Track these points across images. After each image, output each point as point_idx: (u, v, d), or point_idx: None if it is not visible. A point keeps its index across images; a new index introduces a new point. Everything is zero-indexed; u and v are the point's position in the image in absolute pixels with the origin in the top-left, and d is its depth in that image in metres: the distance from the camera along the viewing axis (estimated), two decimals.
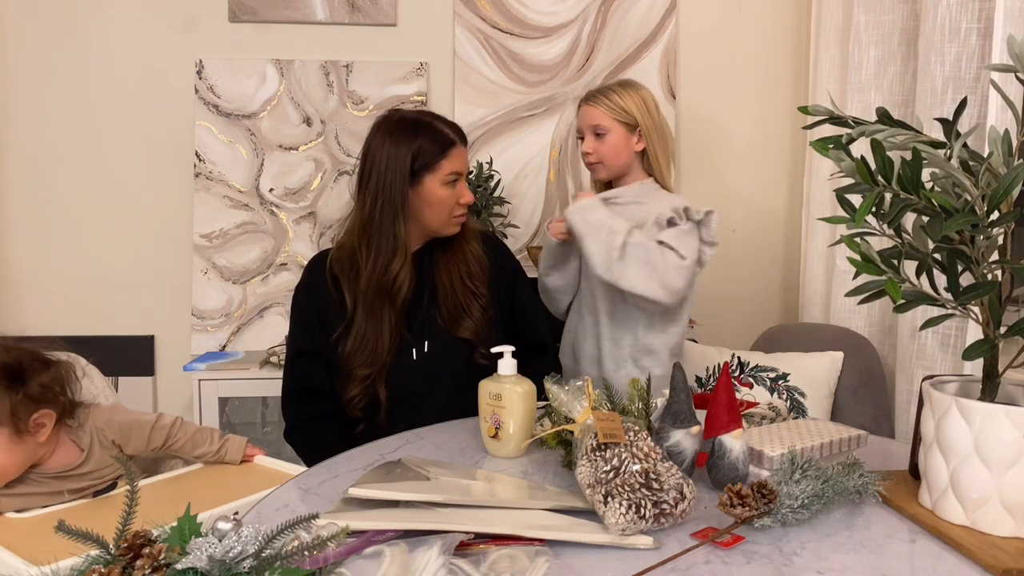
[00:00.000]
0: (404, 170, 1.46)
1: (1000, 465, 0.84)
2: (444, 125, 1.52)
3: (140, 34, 2.39)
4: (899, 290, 0.84)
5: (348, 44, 2.44)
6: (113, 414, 1.31)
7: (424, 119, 1.52)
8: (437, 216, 1.51)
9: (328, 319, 1.51)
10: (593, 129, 1.73)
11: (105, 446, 1.26)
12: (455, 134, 1.52)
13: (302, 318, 1.55)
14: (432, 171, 1.48)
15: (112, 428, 1.28)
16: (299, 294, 1.57)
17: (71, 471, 1.22)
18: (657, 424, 1.06)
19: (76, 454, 1.24)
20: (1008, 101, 0.90)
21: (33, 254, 2.41)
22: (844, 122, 0.91)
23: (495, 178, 2.36)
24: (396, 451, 1.19)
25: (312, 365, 1.52)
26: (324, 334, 1.51)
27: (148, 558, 0.68)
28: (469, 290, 1.55)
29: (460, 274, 1.55)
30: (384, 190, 1.47)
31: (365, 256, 1.48)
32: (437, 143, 1.48)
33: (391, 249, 1.47)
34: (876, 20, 2.09)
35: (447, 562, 0.77)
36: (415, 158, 1.47)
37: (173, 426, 1.33)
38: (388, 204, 1.47)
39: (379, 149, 1.48)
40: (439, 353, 1.51)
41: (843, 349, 2.02)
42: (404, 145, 1.47)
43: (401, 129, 1.49)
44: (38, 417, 1.19)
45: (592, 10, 2.50)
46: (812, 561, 0.82)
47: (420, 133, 1.48)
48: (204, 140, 2.40)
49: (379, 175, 1.47)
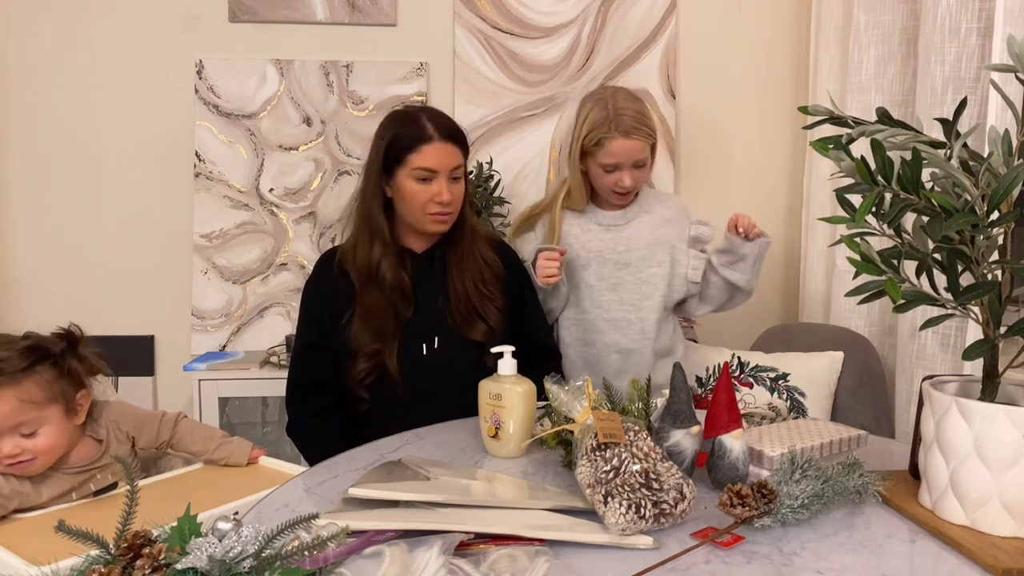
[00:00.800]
0: (379, 159, 1.51)
1: (1000, 465, 0.84)
2: (429, 121, 1.51)
3: (140, 34, 2.39)
4: (899, 290, 0.84)
5: (348, 44, 2.44)
6: (126, 409, 1.33)
7: (412, 113, 1.54)
8: (410, 211, 1.52)
9: (339, 311, 1.53)
10: (637, 163, 1.70)
11: (120, 440, 1.28)
12: (436, 130, 1.50)
13: (312, 313, 1.57)
14: (401, 164, 1.50)
15: (126, 420, 1.30)
16: (310, 290, 1.59)
17: (92, 465, 1.23)
18: (657, 424, 1.06)
19: (95, 447, 1.25)
20: (1008, 101, 0.90)
21: (33, 254, 2.41)
22: (844, 122, 0.91)
23: (495, 178, 2.36)
24: (396, 451, 1.19)
25: (320, 359, 1.54)
26: (335, 326, 1.53)
27: (148, 558, 0.68)
28: (484, 295, 1.56)
29: (474, 280, 1.56)
30: (367, 177, 1.55)
31: (358, 241, 1.55)
32: (411, 136, 1.50)
33: (370, 233, 1.53)
34: (876, 20, 2.09)
35: (447, 562, 0.77)
36: (388, 149, 1.50)
37: (177, 420, 1.35)
38: (368, 191, 1.54)
39: (373, 142, 1.55)
40: (449, 350, 1.53)
41: (843, 349, 2.02)
42: (385, 137, 1.52)
43: (389, 120, 1.54)
44: (79, 397, 1.21)
45: (592, 10, 2.50)
46: (812, 561, 0.82)
47: (400, 125, 1.52)
48: (204, 140, 2.40)
49: (367, 164, 1.55)
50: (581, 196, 1.78)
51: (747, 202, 2.57)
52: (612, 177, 1.71)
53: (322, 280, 1.58)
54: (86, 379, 1.24)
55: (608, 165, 1.69)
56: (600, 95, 1.73)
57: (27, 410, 1.14)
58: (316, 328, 1.55)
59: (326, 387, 1.53)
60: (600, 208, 1.81)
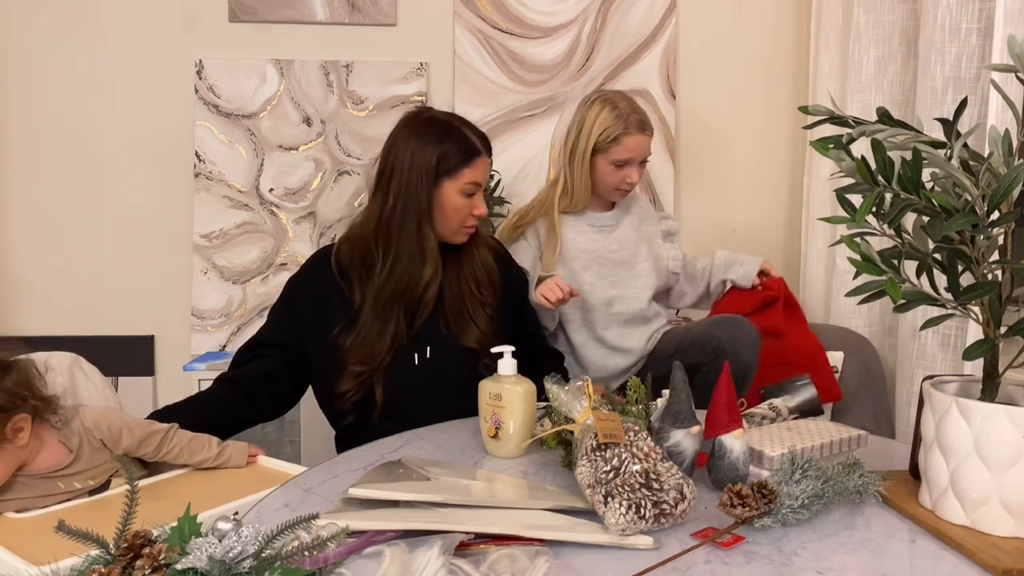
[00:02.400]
0: (430, 171, 1.43)
1: (1000, 465, 0.84)
2: (472, 133, 1.48)
3: (140, 34, 2.39)
4: (899, 290, 0.84)
5: (348, 44, 2.44)
6: (103, 416, 1.28)
7: (454, 123, 1.48)
8: (448, 223, 1.48)
9: (328, 312, 1.48)
10: (645, 158, 1.83)
11: (95, 447, 1.25)
12: (482, 144, 1.48)
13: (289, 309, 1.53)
14: (453, 177, 1.44)
15: (100, 429, 1.25)
16: (298, 287, 1.54)
17: (61, 471, 1.21)
18: (657, 424, 1.06)
19: (64, 454, 1.23)
20: (1008, 101, 0.90)
21: (33, 254, 2.41)
22: (844, 122, 0.91)
23: (495, 178, 2.36)
24: (396, 451, 1.19)
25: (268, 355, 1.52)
26: (316, 326, 1.48)
27: (148, 558, 0.68)
28: (477, 299, 1.52)
29: (469, 282, 1.52)
30: (407, 190, 1.43)
31: (383, 255, 1.45)
32: (463, 150, 1.45)
33: (419, 255, 1.44)
34: (876, 20, 2.09)
35: (447, 562, 0.77)
36: (439, 161, 1.43)
37: (167, 434, 1.30)
38: (412, 206, 1.43)
39: (404, 146, 1.44)
40: (442, 360, 1.48)
41: (843, 349, 2.02)
42: (431, 146, 1.43)
43: (429, 129, 1.45)
44: (14, 424, 1.17)
45: (592, 10, 2.50)
46: (812, 561, 0.82)
47: (448, 136, 1.44)
48: (204, 140, 2.40)
49: (402, 173, 1.44)
50: (584, 195, 1.84)
51: (747, 202, 2.58)
52: (621, 173, 1.80)
53: (314, 279, 1.52)
54: (19, 403, 1.19)
55: (620, 161, 1.78)
56: (605, 96, 1.82)
57: None
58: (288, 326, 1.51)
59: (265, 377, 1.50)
60: (589, 211, 1.89)
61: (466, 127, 1.48)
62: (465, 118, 1.53)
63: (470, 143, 1.46)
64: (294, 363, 1.51)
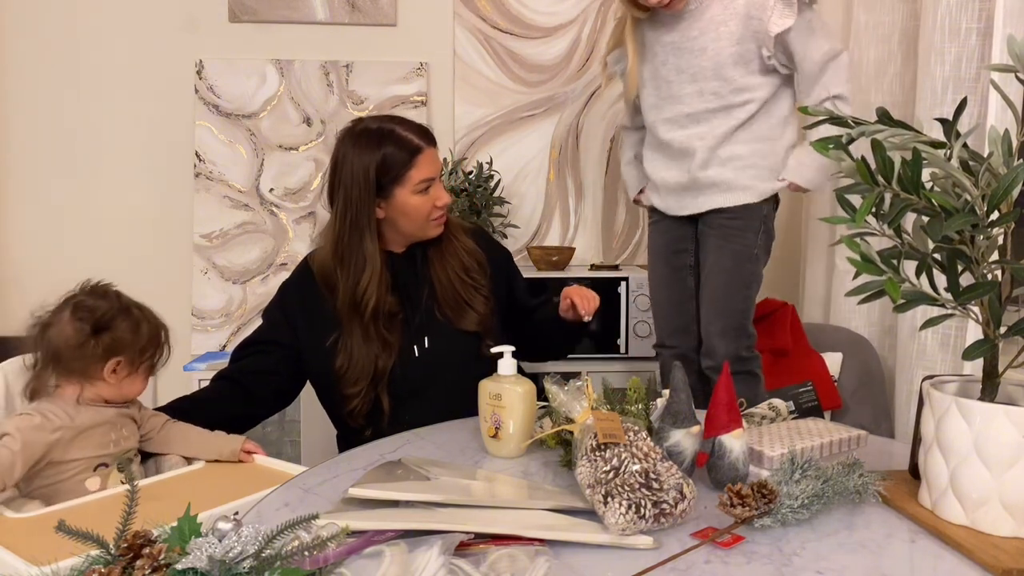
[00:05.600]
0: (370, 185, 1.42)
1: (1000, 465, 0.84)
2: (408, 131, 1.46)
3: (140, 34, 2.39)
4: (899, 290, 0.84)
5: (348, 44, 2.44)
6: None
7: (387, 127, 1.46)
8: (413, 224, 1.48)
9: (317, 317, 1.49)
10: None
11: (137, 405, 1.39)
12: (420, 138, 1.46)
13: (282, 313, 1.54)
14: (401, 183, 1.44)
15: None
16: (290, 293, 1.56)
17: (125, 409, 1.34)
18: (657, 424, 1.06)
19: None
20: (1008, 101, 0.90)
21: (33, 254, 2.41)
22: (844, 122, 0.91)
23: (495, 178, 2.36)
24: (396, 451, 1.19)
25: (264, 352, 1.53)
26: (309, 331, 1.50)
27: (148, 558, 0.68)
28: (470, 284, 1.54)
29: (456, 271, 1.54)
30: (351, 206, 1.44)
31: (341, 274, 1.47)
32: (403, 152, 1.43)
33: (360, 266, 1.45)
34: (876, 20, 2.09)
35: (447, 562, 0.77)
36: (381, 172, 1.43)
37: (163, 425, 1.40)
38: (355, 222, 1.44)
39: (344, 162, 1.45)
40: (442, 348, 1.51)
41: (843, 349, 2.02)
42: (368, 157, 1.43)
43: (364, 141, 1.44)
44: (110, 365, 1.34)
45: (592, 10, 2.50)
46: (812, 561, 0.82)
47: (383, 144, 1.43)
48: (204, 140, 2.40)
49: (346, 190, 1.44)
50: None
51: None
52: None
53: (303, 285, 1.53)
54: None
55: None
56: None
57: None
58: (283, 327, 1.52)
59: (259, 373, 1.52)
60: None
61: (401, 126, 1.46)
62: (401, 117, 1.52)
63: (408, 143, 1.44)
64: (289, 361, 1.53)
